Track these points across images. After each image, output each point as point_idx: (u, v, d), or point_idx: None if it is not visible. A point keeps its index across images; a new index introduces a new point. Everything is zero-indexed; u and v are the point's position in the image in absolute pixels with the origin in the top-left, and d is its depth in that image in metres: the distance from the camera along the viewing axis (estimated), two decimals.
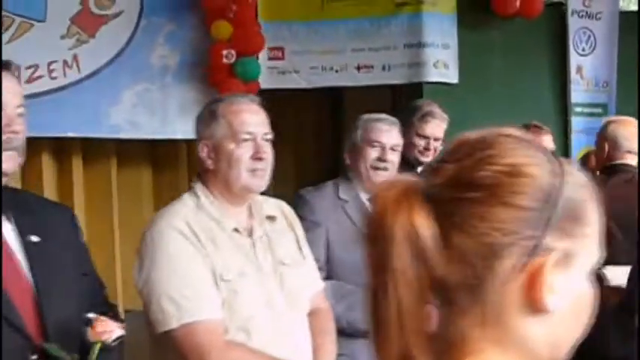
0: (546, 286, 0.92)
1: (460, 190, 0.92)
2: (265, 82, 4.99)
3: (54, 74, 4.63)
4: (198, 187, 2.31)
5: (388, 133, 3.01)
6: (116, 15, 4.79)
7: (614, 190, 3.34)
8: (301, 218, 2.65)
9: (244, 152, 2.24)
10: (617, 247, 3.35)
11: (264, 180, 2.29)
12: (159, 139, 4.97)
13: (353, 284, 2.69)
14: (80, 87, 4.70)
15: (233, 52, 4.71)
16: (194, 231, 2.18)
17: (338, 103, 6.19)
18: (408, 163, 3.52)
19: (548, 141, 4.26)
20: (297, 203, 2.79)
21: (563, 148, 5.65)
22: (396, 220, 0.91)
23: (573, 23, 5.73)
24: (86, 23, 4.71)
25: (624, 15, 6.10)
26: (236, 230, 2.27)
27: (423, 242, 0.90)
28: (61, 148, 5.03)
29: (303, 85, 5.03)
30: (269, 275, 2.27)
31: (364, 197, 2.92)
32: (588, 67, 5.90)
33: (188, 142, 5.21)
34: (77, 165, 5.09)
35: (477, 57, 5.26)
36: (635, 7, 6.33)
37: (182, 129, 4.77)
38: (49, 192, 4.98)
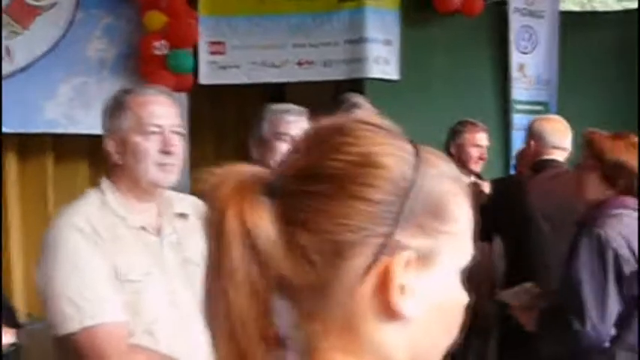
0: (398, 289, 0.82)
1: (307, 183, 0.83)
2: (206, 77, 4.94)
3: None
4: (105, 183, 2.21)
5: (295, 124, 2.83)
6: (51, 6, 4.66)
7: (540, 186, 3.37)
8: None
9: (152, 145, 2.14)
10: (544, 242, 3.40)
11: (173, 174, 2.19)
12: (96, 134, 4.86)
13: None
14: (13, 80, 4.57)
15: (165, 43, 4.63)
16: (96, 229, 2.08)
17: (280, 98, 6.15)
18: None
19: (482, 138, 4.28)
20: None
21: (504, 145, 5.69)
22: (227, 218, 0.82)
23: (515, 21, 5.78)
24: (20, 14, 4.58)
25: (566, 15, 6.17)
26: (143, 228, 2.18)
27: (257, 242, 0.81)
28: None
29: (244, 80, 4.97)
30: (176, 275, 2.17)
31: None
32: (530, 65, 5.96)
33: None
34: (12, 161, 4.97)
35: (419, 54, 5.27)
36: (575, 8, 6.42)
37: None
38: None
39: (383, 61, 4.89)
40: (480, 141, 4.21)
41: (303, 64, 4.92)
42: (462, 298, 0.88)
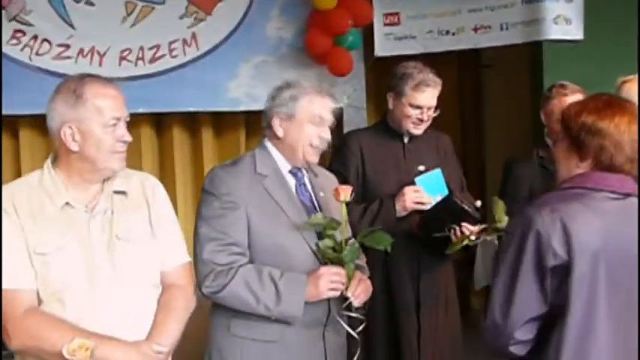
0: None
1: None
2: (382, 49, 4.93)
3: (174, 53, 4.80)
4: (47, 164, 2.36)
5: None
6: None
7: None
8: (215, 196, 2.58)
9: (111, 136, 2.29)
10: None
11: (124, 160, 2.36)
12: None
13: (277, 267, 2.55)
14: (199, 63, 4.84)
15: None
16: (16, 208, 2.27)
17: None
18: (396, 133, 3.38)
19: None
20: (210, 180, 2.63)
21: None
22: None
23: None
24: (203, 1, 4.82)
25: None
26: (67, 204, 2.30)
27: None
28: (193, 121, 5.25)
29: (421, 50, 4.89)
30: (99, 249, 2.29)
31: (284, 170, 2.70)
32: None
33: None
34: (207, 137, 5.30)
35: (606, 8, 4.91)
36: None
37: None
38: (182, 165, 5.24)
39: (564, 20, 4.61)
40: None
41: (479, 29, 4.77)
42: None
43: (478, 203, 3.25)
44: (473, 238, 3.13)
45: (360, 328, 2.66)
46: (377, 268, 3.18)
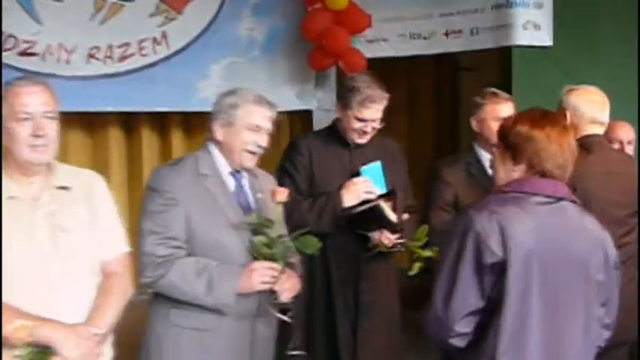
0: None
1: None
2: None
3: (144, 51, 4.76)
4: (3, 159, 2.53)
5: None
6: None
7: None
8: (158, 193, 2.74)
9: (23, 130, 2.44)
10: None
11: (46, 154, 2.48)
12: None
13: (215, 261, 2.73)
14: (169, 63, 4.81)
15: None
16: None
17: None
18: (343, 138, 3.48)
19: (507, 109, 3.53)
20: (154, 177, 2.81)
21: None
22: None
23: None
24: (174, 0, 4.80)
25: None
26: (12, 198, 2.46)
27: None
28: (162, 121, 5.22)
29: (392, 53, 4.92)
30: (43, 240, 2.46)
31: (225, 171, 2.84)
32: None
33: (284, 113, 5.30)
34: (177, 137, 5.28)
35: (578, 14, 4.95)
36: None
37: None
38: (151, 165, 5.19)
39: (533, 26, 4.64)
40: (503, 113, 3.39)
41: (450, 33, 4.79)
42: None
43: (405, 216, 3.40)
44: (389, 245, 3.36)
45: (289, 316, 2.82)
46: (318, 266, 3.39)
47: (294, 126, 5.47)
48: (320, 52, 4.75)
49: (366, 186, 3.37)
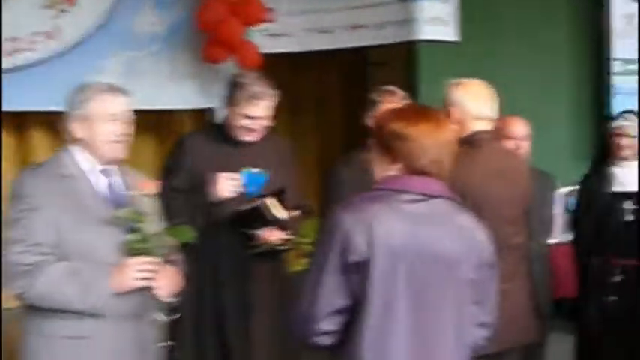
0: None
1: None
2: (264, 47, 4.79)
3: (37, 46, 4.52)
4: None
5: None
6: None
7: None
8: (20, 199, 2.64)
9: None
10: None
11: None
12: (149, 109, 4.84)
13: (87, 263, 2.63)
14: (64, 59, 4.58)
15: None
16: None
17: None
18: (231, 137, 3.39)
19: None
20: (17, 183, 2.69)
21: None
22: None
23: None
24: None
25: None
26: None
27: None
28: (57, 121, 4.96)
29: (296, 48, 4.84)
30: None
31: (93, 169, 2.71)
32: None
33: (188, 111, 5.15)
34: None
35: (484, 9, 4.93)
36: None
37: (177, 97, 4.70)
38: None
39: (439, 21, 4.58)
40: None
41: (355, 28, 4.69)
42: None
43: (294, 214, 3.33)
44: (275, 243, 3.30)
45: (171, 315, 2.76)
46: (207, 265, 3.32)
47: (198, 124, 5.30)
48: (213, 43, 4.59)
49: (229, 184, 3.28)
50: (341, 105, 6.33)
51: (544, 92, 5.48)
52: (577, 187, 4.07)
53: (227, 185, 3.27)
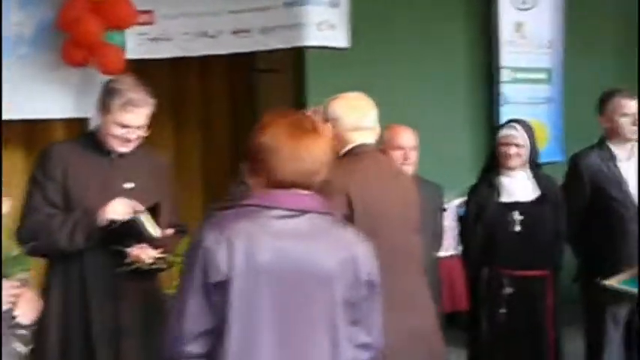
0: None
1: None
2: (134, 51, 4.51)
3: None
4: None
5: None
6: None
7: None
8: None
9: None
10: None
11: None
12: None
13: None
14: None
15: None
16: None
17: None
18: (104, 147, 3.18)
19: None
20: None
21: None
22: None
23: None
24: None
25: None
26: None
27: None
28: None
29: (177, 53, 4.58)
30: None
31: None
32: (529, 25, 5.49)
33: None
34: None
35: (373, 15, 4.83)
36: None
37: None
38: None
39: (328, 26, 4.41)
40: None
41: (238, 32, 4.47)
42: None
43: (168, 231, 3.15)
44: (147, 262, 3.09)
45: (30, 346, 2.63)
46: (75, 284, 3.09)
47: (72, 134, 4.94)
48: (71, 44, 4.25)
49: (124, 208, 3.08)
50: (228, 115, 6.08)
51: (438, 99, 5.44)
52: (466, 198, 4.00)
53: (119, 208, 3.05)
